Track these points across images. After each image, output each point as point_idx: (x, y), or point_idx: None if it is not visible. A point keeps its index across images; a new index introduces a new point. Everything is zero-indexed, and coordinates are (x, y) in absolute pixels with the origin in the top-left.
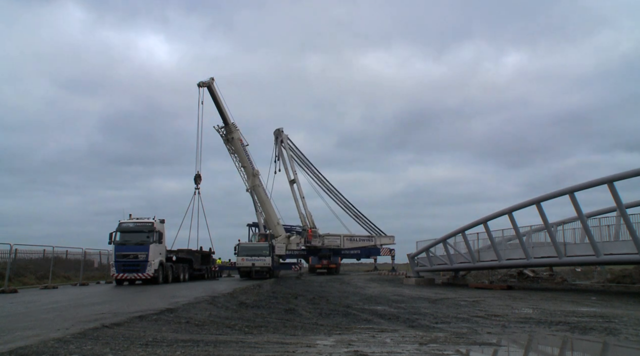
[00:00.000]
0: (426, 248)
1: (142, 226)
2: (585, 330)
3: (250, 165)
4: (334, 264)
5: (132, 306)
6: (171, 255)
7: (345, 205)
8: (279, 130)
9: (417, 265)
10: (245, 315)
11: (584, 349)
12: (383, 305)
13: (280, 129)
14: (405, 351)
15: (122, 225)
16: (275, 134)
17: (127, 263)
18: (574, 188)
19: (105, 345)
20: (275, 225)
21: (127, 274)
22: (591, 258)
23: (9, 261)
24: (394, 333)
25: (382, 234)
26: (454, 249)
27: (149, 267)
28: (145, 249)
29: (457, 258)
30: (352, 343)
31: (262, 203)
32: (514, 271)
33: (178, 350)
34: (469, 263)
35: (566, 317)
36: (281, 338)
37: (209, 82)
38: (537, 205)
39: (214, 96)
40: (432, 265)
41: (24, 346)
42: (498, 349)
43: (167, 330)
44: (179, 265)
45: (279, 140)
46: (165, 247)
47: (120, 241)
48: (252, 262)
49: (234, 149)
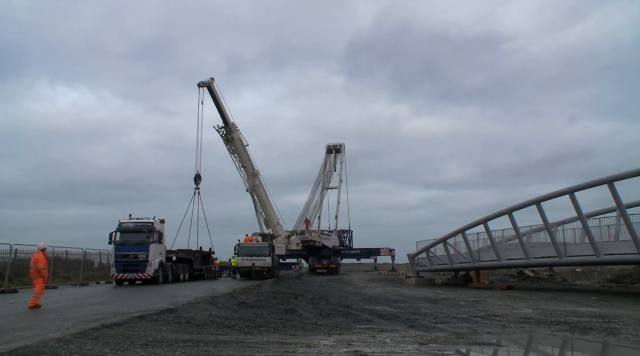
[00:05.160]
0: (426, 248)
1: (142, 226)
2: (586, 330)
3: (250, 165)
4: (334, 264)
5: (132, 306)
6: (171, 255)
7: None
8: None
9: (417, 265)
10: (245, 315)
11: (584, 349)
12: (383, 305)
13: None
14: (405, 351)
15: (122, 225)
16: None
17: (127, 263)
18: (574, 188)
19: (105, 345)
20: (275, 224)
21: (127, 274)
22: (591, 258)
23: (9, 261)
24: (394, 333)
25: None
26: (454, 249)
27: (149, 266)
28: (145, 249)
29: (457, 258)
30: (352, 343)
31: (262, 203)
32: (514, 272)
33: (178, 350)
34: (469, 263)
35: (566, 317)
36: (281, 338)
37: (209, 82)
38: (537, 205)
39: (214, 96)
40: (432, 265)
41: (24, 346)
42: (498, 349)
43: (167, 330)
44: (179, 265)
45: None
46: (165, 247)
47: (120, 241)
48: (252, 261)
49: (234, 149)
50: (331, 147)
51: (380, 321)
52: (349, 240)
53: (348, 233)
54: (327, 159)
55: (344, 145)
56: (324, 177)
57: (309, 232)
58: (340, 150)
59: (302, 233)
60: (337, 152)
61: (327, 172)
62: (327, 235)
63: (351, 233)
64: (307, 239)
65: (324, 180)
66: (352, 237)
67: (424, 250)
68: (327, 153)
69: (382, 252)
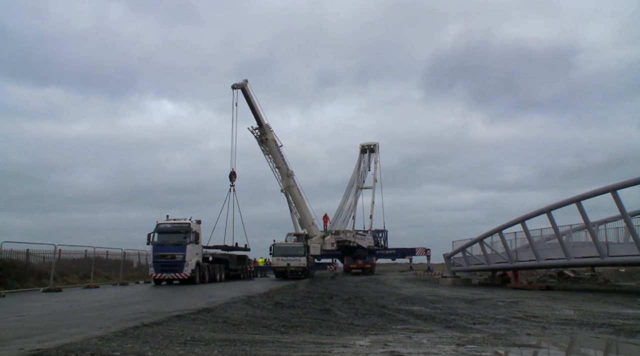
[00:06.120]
0: (462, 248)
1: (179, 227)
2: (632, 333)
3: (284, 166)
4: (369, 264)
5: (170, 305)
6: (208, 255)
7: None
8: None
9: (453, 265)
10: (281, 315)
11: (630, 353)
12: (419, 305)
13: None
14: (442, 352)
15: (159, 226)
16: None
17: (165, 264)
18: (617, 186)
19: (145, 343)
20: (310, 225)
21: (165, 274)
22: (636, 258)
23: (54, 261)
24: (430, 333)
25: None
26: (491, 249)
27: (186, 267)
28: (182, 249)
29: (494, 257)
30: (388, 344)
31: (297, 204)
32: (554, 272)
33: (215, 349)
34: (507, 263)
35: (610, 319)
36: (317, 338)
37: (243, 84)
38: (577, 204)
39: (247, 98)
40: (469, 265)
41: (69, 343)
42: (538, 351)
43: (204, 329)
44: (215, 265)
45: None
46: (201, 247)
47: (158, 242)
48: (287, 262)
49: (268, 150)
50: (365, 147)
51: (417, 321)
52: (384, 240)
53: (383, 233)
54: (361, 159)
55: (378, 144)
56: (358, 177)
57: (344, 232)
58: (375, 149)
59: (337, 233)
60: (371, 151)
61: (362, 172)
62: (362, 235)
63: (386, 233)
64: (342, 239)
65: (358, 180)
66: (387, 236)
67: (460, 250)
68: (362, 153)
69: (418, 251)
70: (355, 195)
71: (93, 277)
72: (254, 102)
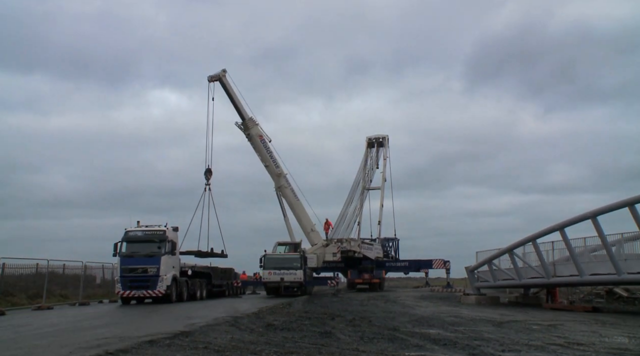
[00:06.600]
0: (488, 260)
1: (152, 235)
2: None
3: (273, 165)
4: (377, 279)
5: (140, 329)
6: (186, 268)
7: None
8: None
9: (477, 280)
10: (274, 340)
11: None
12: (437, 328)
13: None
14: None
15: (128, 234)
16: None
17: (135, 279)
18: None
19: None
20: (309, 232)
21: (134, 291)
22: None
23: None
24: None
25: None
26: (523, 261)
27: (160, 282)
28: (156, 262)
29: (527, 272)
30: None
31: (292, 207)
32: (601, 290)
33: None
34: (542, 278)
35: None
36: None
37: (220, 74)
38: (629, 208)
39: (226, 90)
40: (496, 281)
41: None
42: None
43: None
44: (195, 280)
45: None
46: (179, 259)
47: (127, 253)
48: (280, 276)
49: (254, 146)
50: (373, 140)
51: (434, 347)
52: (395, 250)
53: (394, 242)
54: (367, 154)
55: (387, 137)
56: (364, 176)
57: (347, 240)
58: (384, 143)
59: (339, 242)
60: (379, 145)
61: (368, 170)
62: (368, 244)
63: (397, 242)
64: (346, 249)
65: (364, 179)
66: (398, 246)
67: (486, 262)
68: (368, 148)
69: (435, 264)
70: (361, 197)
71: (45, 296)
72: (233, 95)
